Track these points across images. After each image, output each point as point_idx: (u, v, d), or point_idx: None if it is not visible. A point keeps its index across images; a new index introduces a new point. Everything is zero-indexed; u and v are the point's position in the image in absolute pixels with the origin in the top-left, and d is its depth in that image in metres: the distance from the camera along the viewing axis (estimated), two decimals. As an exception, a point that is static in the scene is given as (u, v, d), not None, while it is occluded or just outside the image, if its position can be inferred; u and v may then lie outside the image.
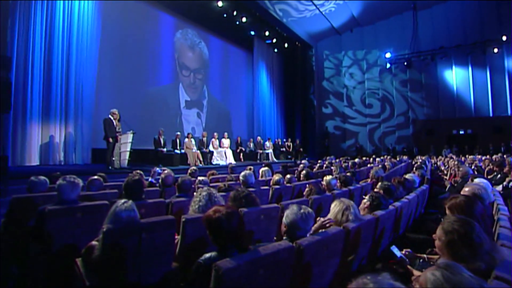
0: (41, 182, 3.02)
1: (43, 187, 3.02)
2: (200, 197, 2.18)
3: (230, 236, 1.43)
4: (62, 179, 2.37)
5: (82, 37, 8.84)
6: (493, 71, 17.47)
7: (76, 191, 2.38)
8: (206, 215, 1.49)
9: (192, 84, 13.15)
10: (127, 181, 2.68)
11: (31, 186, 2.98)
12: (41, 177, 3.08)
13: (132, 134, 7.83)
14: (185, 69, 12.83)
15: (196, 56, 13.45)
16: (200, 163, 9.98)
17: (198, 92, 13.54)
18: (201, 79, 13.64)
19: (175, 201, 2.79)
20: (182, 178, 3.12)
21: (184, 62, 12.80)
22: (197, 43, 13.59)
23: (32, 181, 2.99)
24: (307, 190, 3.46)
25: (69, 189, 2.33)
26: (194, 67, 13.22)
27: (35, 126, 7.88)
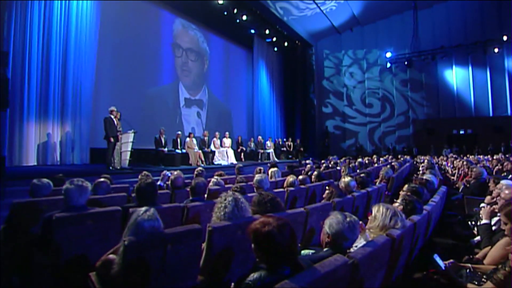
0: (44, 185, 2.80)
1: (47, 190, 2.79)
2: (226, 203, 1.98)
3: (283, 252, 1.24)
4: (69, 183, 2.15)
5: (80, 34, 8.57)
6: (493, 71, 17.48)
7: (85, 196, 2.16)
8: (253, 229, 1.29)
9: (192, 84, 12.85)
10: (139, 184, 2.47)
11: (34, 190, 2.75)
12: (44, 180, 2.85)
13: (133, 133, 7.60)
14: (177, 48, 12.43)
15: (190, 38, 13.11)
16: (202, 163, 9.76)
17: (198, 92, 13.27)
18: (201, 79, 13.37)
19: (191, 206, 2.58)
20: (196, 181, 2.92)
21: (178, 42, 12.46)
22: (196, 39, 13.36)
23: (34, 185, 2.77)
24: (327, 192, 3.27)
25: (77, 194, 2.12)
26: (186, 46, 12.85)
27: (32, 125, 7.61)
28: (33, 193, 2.72)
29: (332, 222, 1.60)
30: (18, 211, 2.43)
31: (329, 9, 17.26)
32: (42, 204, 2.52)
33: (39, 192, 2.71)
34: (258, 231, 1.26)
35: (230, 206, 1.98)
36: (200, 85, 13.54)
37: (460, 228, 3.29)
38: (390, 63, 18.71)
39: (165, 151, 9.23)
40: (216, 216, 2.01)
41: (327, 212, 2.98)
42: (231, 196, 2.04)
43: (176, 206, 2.52)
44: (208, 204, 2.75)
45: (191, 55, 13.05)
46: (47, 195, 2.73)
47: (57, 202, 2.58)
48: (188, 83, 12.87)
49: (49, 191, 2.78)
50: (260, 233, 1.25)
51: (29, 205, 2.47)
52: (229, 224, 1.86)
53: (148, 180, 2.51)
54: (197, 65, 13.40)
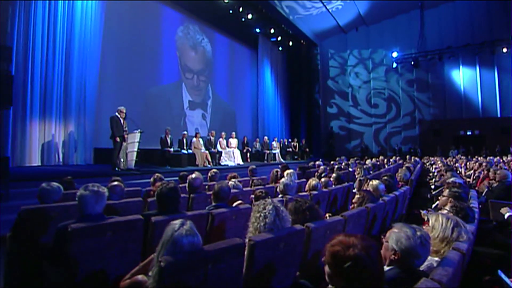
0: (54, 190, 2.55)
1: (57, 195, 2.54)
2: (265, 212, 1.74)
3: (371, 279, 1.00)
4: (84, 189, 1.91)
5: (84, 32, 8.36)
6: (501, 71, 17.23)
7: (102, 203, 1.93)
8: (333, 252, 1.04)
9: (196, 86, 12.68)
10: (161, 189, 2.23)
11: (43, 195, 2.50)
12: (54, 184, 2.59)
13: (139, 133, 7.36)
14: (188, 72, 12.34)
15: (199, 56, 12.95)
16: (209, 164, 9.52)
17: (202, 94, 13.08)
18: (204, 80, 13.16)
19: (216, 213, 2.34)
20: (220, 185, 2.67)
21: (187, 63, 12.30)
22: (199, 41, 13.10)
23: (44, 189, 2.52)
24: (359, 197, 3.03)
25: (93, 201, 1.88)
26: (197, 68, 12.74)
27: (35, 124, 7.39)
28: (42, 198, 2.48)
29: (399, 237, 1.36)
30: (26, 219, 2.20)
31: (335, 8, 17.04)
32: (52, 211, 2.28)
33: (49, 197, 2.47)
34: (340, 254, 1.02)
35: (271, 215, 1.74)
36: (204, 85, 13.32)
37: (502, 236, 3.04)
38: (396, 63, 18.46)
39: (171, 152, 9.00)
40: (253, 227, 1.77)
41: (363, 219, 2.76)
42: (271, 204, 1.80)
43: (200, 213, 2.28)
44: (233, 210, 2.52)
45: (201, 76, 12.92)
46: (57, 201, 2.49)
47: (68, 209, 2.34)
48: (192, 83, 12.64)
49: (59, 196, 2.53)
50: (343, 257, 1.01)
51: (38, 212, 2.23)
52: (272, 236, 1.62)
53: (170, 184, 2.27)
54: (201, 65, 13.21)
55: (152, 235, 1.98)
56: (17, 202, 4.19)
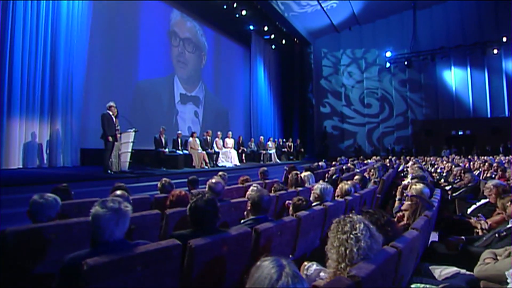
0: (49, 204, 1.95)
1: (53, 210, 1.96)
2: (357, 234, 1.29)
3: None
4: (100, 206, 1.39)
5: (71, 23, 7.63)
6: (491, 72, 17.49)
7: (124, 225, 1.41)
8: None
9: (180, 54, 11.89)
10: (196, 203, 1.72)
11: (35, 211, 1.90)
12: (49, 196, 1.99)
13: (134, 132, 6.74)
14: (174, 37, 11.62)
15: (188, 29, 12.30)
16: (206, 165, 8.97)
17: (194, 87, 12.42)
18: (191, 51, 12.40)
19: (263, 229, 1.86)
20: (259, 193, 2.19)
21: (175, 30, 11.63)
22: (194, 31, 12.56)
23: (36, 203, 1.92)
24: (410, 204, 2.63)
25: (113, 223, 1.36)
26: (184, 36, 12.04)
27: (15, 123, 6.63)
28: (34, 215, 1.88)
29: None
30: (13, 244, 1.64)
31: (329, 6, 16.81)
32: (49, 232, 1.73)
33: (43, 213, 1.88)
34: None
35: (364, 237, 1.30)
36: (196, 81, 12.75)
37: None
38: (390, 63, 18.44)
39: (166, 152, 8.39)
40: (338, 253, 1.31)
41: (429, 229, 2.35)
42: (360, 222, 1.34)
43: (245, 231, 1.79)
44: (279, 225, 2.05)
45: (188, 46, 12.23)
46: (53, 218, 1.92)
47: (71, 228, 1.81)
48: (184, 76, 12.02)
49: (55, 212, 1.95)
50: None
51: (29, 234, 1.68)
52: (374, 267, 1.18)
53: (206, 196, 1.76)
54: (194, 58, 12.59)
55: (191, 265, 1.48)
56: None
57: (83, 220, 1.86)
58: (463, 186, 5.44)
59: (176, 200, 2.49)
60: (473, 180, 5.34)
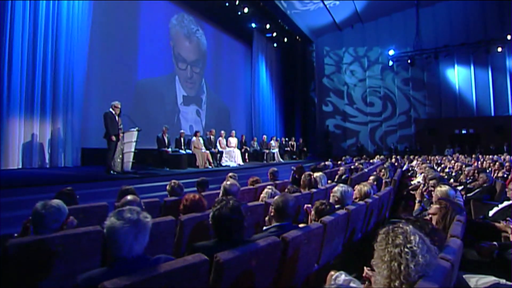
0: (52, 216, 1.69)
1: (56, 224, 1.70)
2: (412, 248, 1.12)
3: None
4: (116, 216, 1.21)
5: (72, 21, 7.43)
6: (495, 70, 17.34)
7: (144, 238, 1.22)
8: None
9: (189, 78, 11.88)
10: (220, 211, 1.54)
11: (39, 222, 1.68)
12: (53, 204, 1.76)
13: (137, 131, 6.55)
14: (181, 62, 11.55)
15: (193, 46, 12.18)
16: (210, 164, 8.78)
17: (196, 87, 12.29)
18: (198, 72, 12.38)
19: (291, 238, 1.69)
20: (284, 198, 2.00)
21: (180, 53, 11.51)
22: (194, 31, 12.32)
23: (38, 214, 1.69)
24: (439, 207, 2.45)
25: (132, 237, 1.18)
26: (191, 59, 11.96)
27: (15, 122, 6.43)
28: (37, 226, 1.68)
29: None
30: (16, 257, 1.46)
31: (332, 4, 16.62)
32: (55, 243, 1.55)
33: (44, 225, 1.66)
34: None
35: (422, 252, 1.13)
36: (198, 81, 12.57)
37: None
38: (392, 61, 18.27)
39: (169, 152, 8.20)
40: (389, 269, 1.14)
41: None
42: (415, 233, 1.17)
43: (273, 241, 1.61)
44: (306, 232, 1.87)
45: (195, 68, 12.14)
46: (56, 229, 1.71)
47: (79, 239, 1.62)
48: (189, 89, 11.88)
49: (60, 223, 1.73)
50: None
51: (35, 246, 1.50)
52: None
53: (231, 202, 1.58)
54: (200, 74, 12.50)
55: (219, 282, 1.31)
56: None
57: (93, 229, 1.68)
58: (478, 186, 5.27)
59: (190, 204, 2.31)
60: (488, 180, 5.16)
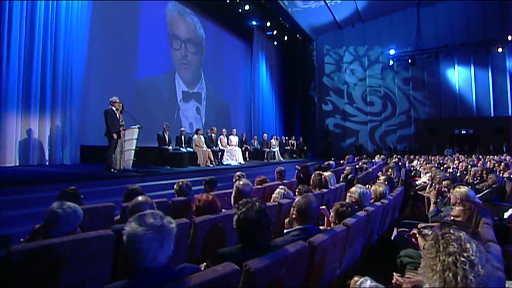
0: (67, 216, 1.56)
1: (70, 226, 1.57)
2: (469, 257, 1.00)
3: None
4: (137, 223, 1.08)
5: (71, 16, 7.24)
6: (495, 71, 17.36)
7: (169, 247, 1.09)
8: None
9: (184, 58, 11.56)
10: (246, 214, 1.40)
11: (51, 221, 1.54)
12: (72, 205, 1.62)
13: (138, 128, 6.39)
14: (175, 40, 11.27)
15: (187, 26, 11.93)
16: (211, 163, 8.64)
17: (191, 70, 12.01)
18: (193, 53, 12.09)
19: (319, 243, 1.56)
20: (307, 199, 1.88)
21: (175, 32, 11.26)
22: (188, 13, 12.10)
23: (53, 213, 1.54)
24: (463, 209, 2.34)
25: (156, 245, 1.04)
26: (185, 37, 11.68)
27: (12, 118, 6.24)
28: (49, 226, 1.52)
29: None
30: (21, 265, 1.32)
31: (333, 2, 16.49)
32: (63, 249, 1.41)
33: (58, 226, 1.50)
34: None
35: (481, 261, 1.00)
36: (197, 77, 12.40)
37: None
38: (393, 61, 18.21)
39: (170, 150, 8.04)
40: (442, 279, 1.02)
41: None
42: (470, 241, 1.05)
43: (303, 247, 1.48)
44: (333, 236, 1.74)
45: (190, 47, 11.90)
46: (67, 232, 1.55)
47: (89, 244, 1.48)
48: (186, 75, 11.69)
49: (74, 226, 1.58)
50: None
51: (41, 253, 1.36)
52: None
53: (257, 205, 1.45)
54: (197, 57, 12.27)
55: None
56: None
57: (104, 233, 1.54)
58: (487, 187, 5.19)
59: (203, 206, 2.17)
60: (498, 181, 5.08)
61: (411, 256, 2.29)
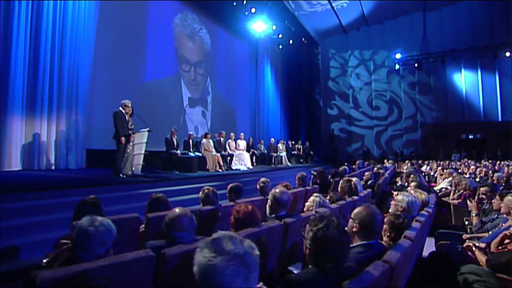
0: (100, 236, 1.30)
1: (102, 248, 1.31)
2: None
3: None
4: (212, 249, 0.79)
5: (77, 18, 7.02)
6: (502, 75, 17.20)
7: (255, 278, 0.79)
8: None
9: (193, 80, 11.50)
10: (324, 232, 1.15)
11: (82, 242, 1.27)
12: (104, 221, 1.35)
13: (147, 132, 6.14)
14: (185, 63, 11.17)
15: (196, 46, 11.80)
16: (220, 168, 8.37)
17: (200, 89, 11.91)
18: (202, 74, 12.00)
19: (396, 262, 1.30)
20: (370, 211, 1.62)
21: (184, 54, 11.13)
22: (197, 30, 11.95)
23: (83, 232, 1.28)
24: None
25: (241, 280, 0.76)
26: (194, 60, 11.57)
27: (16, 121, 5.99)
28: (80, 248, 1.23)
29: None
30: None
31: (339, 6, 16.38)
32: (99, 276, 1.14)
33: (88, 249, 1.24)
34: None
35: None
36: (203, 82, 12.20)
37: None
38: (399, 65, 18.06)
39: (178, 154, 7.78)
40: None
41: None
42: None
43: (385, 269, 1.22)
44: (405, 253, 1.49)
45: (199, 69, 11.78)
46: (100, 255, 1.29)
47: (127, 268, 1.21)
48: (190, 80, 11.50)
49: (107, 247, 1.32)
50: None
51: (74, 281, 1.09)
52: None
53: (335, 220, 1.18)
54: (205, 75, 12.13)
55: None
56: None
57: (144, 255, 1.28)
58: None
59: (243, 217, 1.91)
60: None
61: (477, 274, 2.02)
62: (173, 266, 1.32)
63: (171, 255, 1.34)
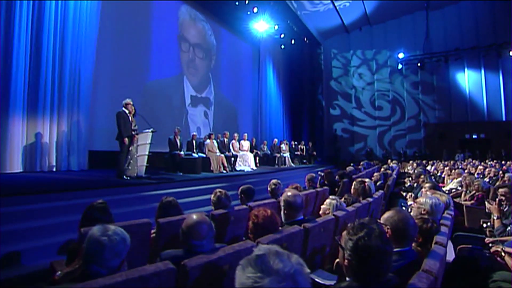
0: (114, 247, 1.18)
1: (118, 258, 1.19)
2: None
3: None
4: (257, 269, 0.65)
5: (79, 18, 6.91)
6: (506, 74, 17.07)
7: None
8: None
9: (191, 62, 11.27)
10: (366, 242, 1.02)
11: (94, 254, 1.15)
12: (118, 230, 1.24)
13: (151, 133, 6.01)
14: (184, 42, 10.99)
15: (197, 31, 11.69)
16: (224, 169, 8.25)
17: (199, 76, 11.69)
18: (202, 58, 11.80)
19: (438, 271, 1.18)
20: (402, 215, 1.49)
21: (184, 34, 11.00)
22: (201, 27, 11.85)
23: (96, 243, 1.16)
24: None
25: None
26: (194, 41, 11.41)
27: (18, 122, 5.87)
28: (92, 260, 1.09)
29: None
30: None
31: (342, 5, 16.28)
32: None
33: (102, 261, 1.13)
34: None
35: None
36: (206, 81, 12.09)
37: None
38: (402, 64, 17.94)
39: (182, 155, 7.65)
40: None
41: None
42: None
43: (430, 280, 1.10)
44: (440, 260, 1.36)
45: (198, 52, 11.63)
46: (114, 268, 1.16)
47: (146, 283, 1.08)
48: (195, 79, 11.39)
49: (121, 258, 1.20)
50: None
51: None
52: None
53: (377, 228, 1.05)
54: (204, 63, 12.01)
55: None
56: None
57: (163, 267, 1.15)
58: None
59: (263, 222, 1.79)
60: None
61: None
62: (194, 279, 1.20)
63: (192, 266, 1.22)
